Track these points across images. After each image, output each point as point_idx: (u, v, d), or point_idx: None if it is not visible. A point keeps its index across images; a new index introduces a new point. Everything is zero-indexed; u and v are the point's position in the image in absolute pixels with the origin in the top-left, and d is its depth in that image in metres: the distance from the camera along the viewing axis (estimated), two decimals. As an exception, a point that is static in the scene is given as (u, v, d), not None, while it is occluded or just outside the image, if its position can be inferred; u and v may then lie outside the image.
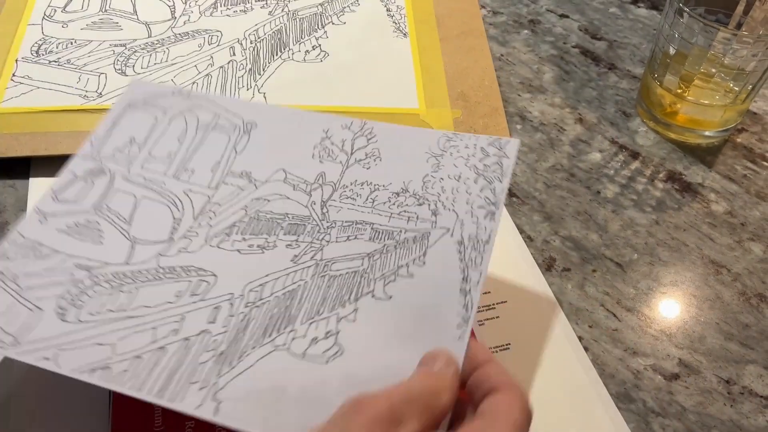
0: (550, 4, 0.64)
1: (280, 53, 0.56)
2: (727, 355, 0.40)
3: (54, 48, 0.55)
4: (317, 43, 0.57)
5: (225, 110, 0.41)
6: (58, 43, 0.55)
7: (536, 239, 0.45)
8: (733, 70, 0.47)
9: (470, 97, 0.53)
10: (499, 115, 0.52)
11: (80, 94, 0.51)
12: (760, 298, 0.42)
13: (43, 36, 0.56)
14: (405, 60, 0.56)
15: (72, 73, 0.53)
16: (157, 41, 0.56)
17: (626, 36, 0.61)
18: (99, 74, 0.53)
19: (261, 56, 0.55)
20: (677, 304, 0.42)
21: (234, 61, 0.55)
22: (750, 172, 0.50)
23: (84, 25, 0.57)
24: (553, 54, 0.59)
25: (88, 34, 0.56)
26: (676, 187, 0.49)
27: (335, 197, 0.37)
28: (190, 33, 0.57)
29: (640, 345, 0.40)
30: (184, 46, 0.56)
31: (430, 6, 0.61)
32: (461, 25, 0.59)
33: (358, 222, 0.36)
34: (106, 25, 0.57)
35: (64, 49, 0.55)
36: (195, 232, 0.36)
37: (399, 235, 0.35)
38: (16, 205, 0.45)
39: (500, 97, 0.53)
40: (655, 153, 0.51)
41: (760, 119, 0.54)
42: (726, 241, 0.45)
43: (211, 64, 0.54)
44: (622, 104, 0.54)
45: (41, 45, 0.55)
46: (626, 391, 0.38)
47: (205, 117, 0.41)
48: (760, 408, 0.38)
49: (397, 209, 0.36)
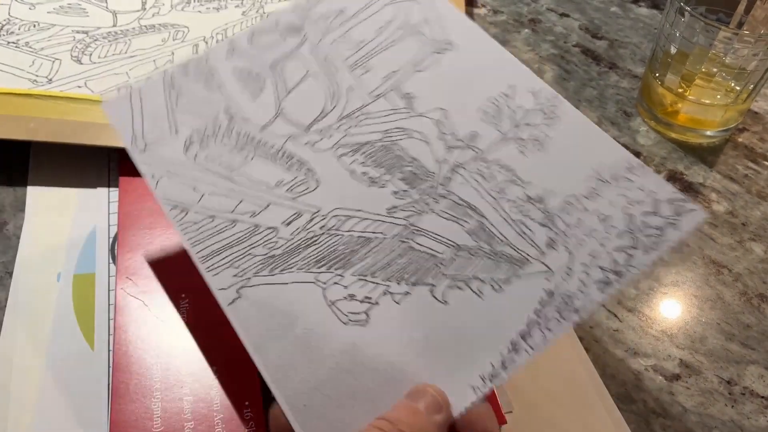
0: (551, 3, 0.64)
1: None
2: (728, 356, 0.40)
3: (16, 29, 0.54)
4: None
5: (437, 18, 0.38)
6: (21, 24, 0.54)
7: (537, 239, 0.45)
8: (735, 69, 0.47)
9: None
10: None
11: (30, 78, 0.50)
12: (761, 299, 0.42)
13: (9, 17, 0.55)
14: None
15: (27, 56, 0.52)
16: (120, 31, 0.55)
17: (627, 35, 0.60)
18: (54, 60, 0.52)
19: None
20: (678, 305, 0.42)
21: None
22: (751, 172, 0.50)
23: (51, 8, 0.56)
24: (553, 53, 0.58)
25: (53, 18, 0.55)
26: (677, 187, 0.48)
27: (469, 167, 0.33)
28: (156, 26, 0.56)
29: (641, 345, 0.40)
30: (148, 39, 0.54)
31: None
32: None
33: (472, 206, 0.32)
34: (74, 10, 0.56)
35: (26, 31, 0.54)
36: (331, 133, 0.35)
37: (498, 245, 0.31)
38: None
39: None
40: (656, 153, 0.51)
41: (761, 119, 0.54)
42: (727, 241, 0.45)
43: (171, 61, 0.53)
44: (623, 104, 0.54)
45: (4, 25, 0.54)
46: (627, 391, 0.38)
47: (415, 17, 0.38)
48: (761, 408, 0.37)
49: (517, 215, 0.32)
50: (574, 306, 0.29)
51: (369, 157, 0.34)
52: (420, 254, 0.31)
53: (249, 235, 0.31)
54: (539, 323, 0.28)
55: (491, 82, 0.36)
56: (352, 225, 0.32)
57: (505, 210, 0.32)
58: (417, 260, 0.31)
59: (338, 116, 0.36)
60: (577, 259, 0.30)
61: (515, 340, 0.28)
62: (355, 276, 0.31)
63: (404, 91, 0.36)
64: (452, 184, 0.33)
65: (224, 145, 0.34)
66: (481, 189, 0.33)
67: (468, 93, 0.36)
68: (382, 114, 0.36)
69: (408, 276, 0.31)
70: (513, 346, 0.28)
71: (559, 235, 0.31)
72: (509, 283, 0.30)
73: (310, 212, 0.32)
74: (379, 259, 0.31)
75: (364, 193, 0.33)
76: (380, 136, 0.35)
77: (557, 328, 0.28)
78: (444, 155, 0.34)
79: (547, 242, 0.31)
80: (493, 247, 0.31)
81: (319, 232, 0.32)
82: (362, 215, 0.32)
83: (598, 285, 0.29)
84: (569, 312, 0.29)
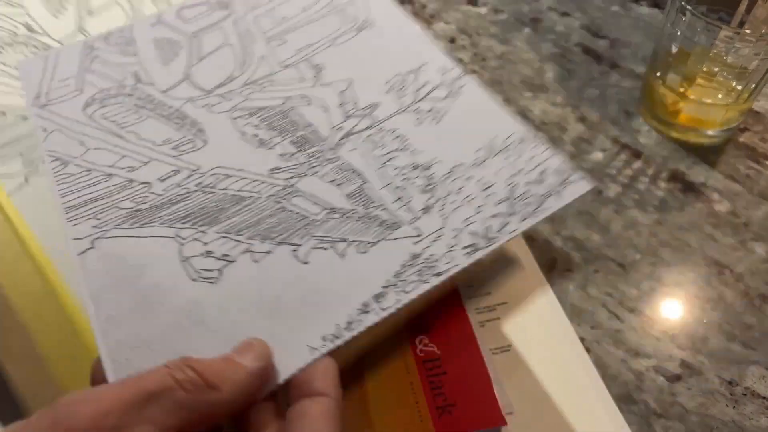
0: (552, 3, 0.63)
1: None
2: (730, 356, 0.39)
3: None
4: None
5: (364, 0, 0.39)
6: None
7: (537, 239, 0.45)
8: (736, 68, 0.47)
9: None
10: None
11: None
12: (763, 299, 0.42)
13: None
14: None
15: None
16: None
17: (628, 34, 0.60)
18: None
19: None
20: (680, 305, 0.42)
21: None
22: (753, 172, 0.50)
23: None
24: (554, 52, 0.58)
25: None
26: (679, 187, 0.48)
27: (362, 134, 0.34)
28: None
29: (642, 346, 0.40)
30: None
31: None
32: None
33: (357, 171, 0.33)
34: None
35: None
36: (231, 97, 0.36)
37: (373, 210, 0.32)
38: None
39: None
40: (658, 152, 0.51)
41: (762, 118, 0.53)
42: (729, 241, 0.45)
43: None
44: (624, 103, 0.54)
45: None
46: (628, 392, 0.38)
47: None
48: (762, 409, 0.37)
49: (400, 181, 0.33)
50: (437, 269, 0.29)
51: (263, 121, 0.35)
52: (291, 214, 0.31)
53: (121, 189, 0.32)
54: (396, 286, 0.29)
55: (403, 59, 0.37)
56: (228, 183, 0.32)
57: (389, 176, 0.33)
58: (287, 220, 0.31)
59: (243, 82, 0.36)
60: (449, 225, 0.31)
61: (368, 302, 0.29)
62: (219, 233, 0.31)
63: (315, 62, 0.37)
64: (342, 150, 0.34)
65: (122, 105, 0.35)
66: (370, 156, 0.33)
67: (377, 67, 0.37)
68: (288, 82, 0.36)
69: (275, 236, 0.31)
70: (364, 307, 0.28)
71: (438, 201, 0.32)
72: (376, 245, 0.30)
73: (189, 170, 0.33)
74: (248, 217, 0.31)
75: (250, 154, 0.34)
76: (281, 102, 0.36)
77: (414, 290, 0.29)
78: (340, 123, 0.35)
79: (424, 208, 0.32)
80: (368, 211, 0.32)
81: (193, 189, 0.32)
82: (242, 174, 0.33)
83: (465, 250, 0.30)
84: (430, 275, 0.29)
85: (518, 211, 0.32)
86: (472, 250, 0.30)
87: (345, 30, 0.38)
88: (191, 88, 0.36)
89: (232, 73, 0.36)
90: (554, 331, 0.39)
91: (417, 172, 0.33)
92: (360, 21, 0.39)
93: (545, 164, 0.33)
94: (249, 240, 0.31)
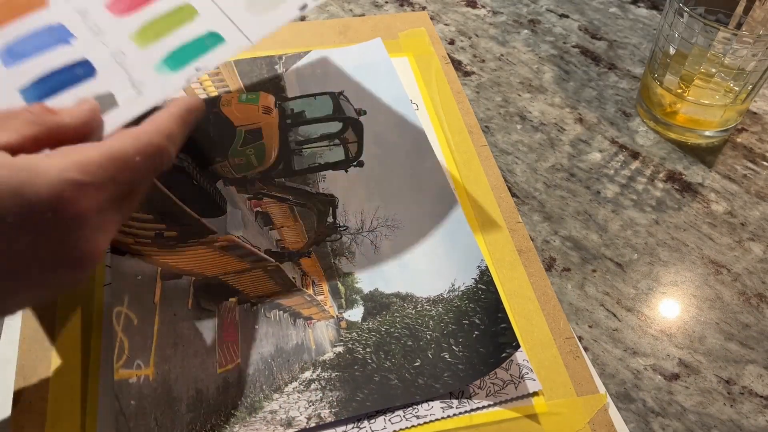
0: (550, 4, 0.64)
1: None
2: (727, 355, 0.40)
3: None
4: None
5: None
6: None
7: (536, 239, 0.45)
8: (733, 69, 0.47)
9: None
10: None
11: None
12: (760, 298, 0.42)
13: None
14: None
15: None
16: None
17: (626, 36, 0.61)
18: None
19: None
20: (677, 304, 0.42)
21: None
22: (750, 172, 0.50)
23: None
24: (553, 54, 0.59)
25: None
26: (676, 187, 0.49)
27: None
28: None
29: (640, 345, 0.40)
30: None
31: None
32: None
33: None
34: None
35: None
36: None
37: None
38: None
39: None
40: (655, 153, 0.51)
41: (760, 119, 0.54)
42: (726, 241, 0.45)
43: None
44: (622, 104, 0.54)
45: None
46: (626, 391, 0.38)
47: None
48: (759, 408, 0.37)
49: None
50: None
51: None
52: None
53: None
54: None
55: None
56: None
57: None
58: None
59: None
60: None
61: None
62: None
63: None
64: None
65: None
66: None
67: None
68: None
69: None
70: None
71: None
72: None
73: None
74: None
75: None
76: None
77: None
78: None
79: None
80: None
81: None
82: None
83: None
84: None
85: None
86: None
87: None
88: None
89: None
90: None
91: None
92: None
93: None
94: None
